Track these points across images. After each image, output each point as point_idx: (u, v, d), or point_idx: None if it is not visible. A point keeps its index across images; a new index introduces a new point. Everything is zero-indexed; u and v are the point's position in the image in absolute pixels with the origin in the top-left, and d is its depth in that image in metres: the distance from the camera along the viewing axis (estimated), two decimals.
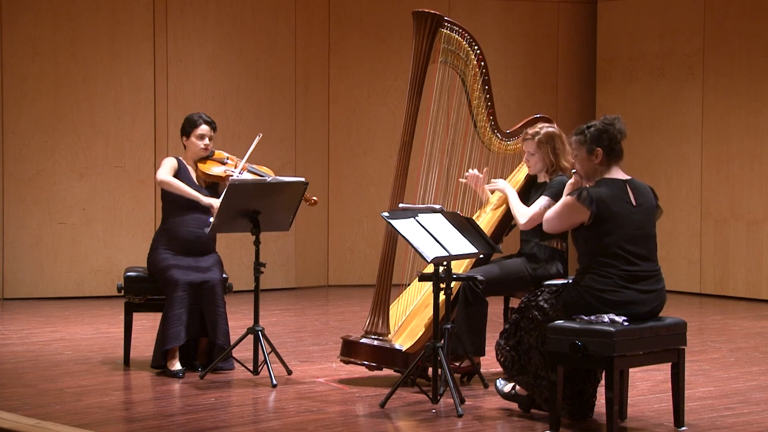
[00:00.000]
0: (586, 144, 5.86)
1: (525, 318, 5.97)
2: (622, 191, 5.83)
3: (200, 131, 7.44)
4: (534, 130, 7.00)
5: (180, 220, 7.37)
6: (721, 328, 9.49)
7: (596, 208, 5.73)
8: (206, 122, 7.47)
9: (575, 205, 5.79)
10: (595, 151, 5.85)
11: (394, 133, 9.55)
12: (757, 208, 11.06)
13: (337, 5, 11.92)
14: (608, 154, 5.86)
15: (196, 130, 7.44)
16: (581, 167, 5.92)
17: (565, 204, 5.85)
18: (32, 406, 6.32)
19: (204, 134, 7.44)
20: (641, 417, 6.17)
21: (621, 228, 5.75)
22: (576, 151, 5.92)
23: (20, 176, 10.69)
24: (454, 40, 7.09)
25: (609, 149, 5.86)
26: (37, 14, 10.69)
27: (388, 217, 6.38)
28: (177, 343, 7.12)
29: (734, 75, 11.18)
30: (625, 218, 5.77)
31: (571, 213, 5.82)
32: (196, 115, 7.51)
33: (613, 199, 5.77)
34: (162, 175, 7.35)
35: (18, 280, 10.74)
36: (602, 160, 5.86)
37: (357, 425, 6.06)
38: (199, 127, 7.44)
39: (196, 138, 7.44)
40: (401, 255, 7.08)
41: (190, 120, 7.49)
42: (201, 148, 7.43)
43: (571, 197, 5.82)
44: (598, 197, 5.75)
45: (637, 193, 5.86)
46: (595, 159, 5.86)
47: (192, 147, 7.46)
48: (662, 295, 5.87)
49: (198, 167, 7.44)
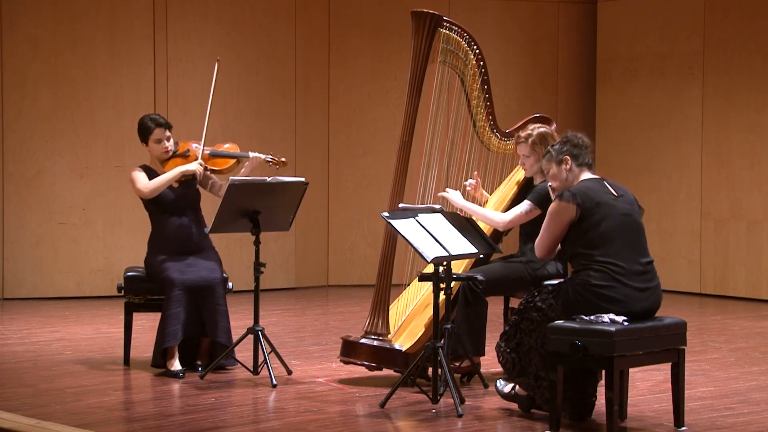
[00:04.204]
0: (554, 158, 6.05)
1: (525, 319, 5.98)
2: (600, 185, 5.95)
3: (155, 136, 7.39)
4: (526, 132, 7.00)
5: (167, 222, 7.37)
6: (721, 328, 9.49)
7: (580, 200, 5.82)
8: (159, 125, 7.40)
9: (559, 206, 5.85)
10: (563, 160, 6.01)
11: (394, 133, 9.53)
12: (757, 208, 11.05)
13: (337, 5, 11.92)
14: (576, 159, 6.01)
15: (151, 136, 7.40)
16: (555, 181, 6.07)
17: (549, 214, 5.93)
18: (32, 406, 6.32)
19: (160, 138, 7.39)
20: (641, 417, 6.17)
21: (609, 216, 5.82)
22: (547, 169, 6.10)
23: (20, 176, 10.69)
24: (453, 39, 7.09)
25: (575, 156, 6.01)
26: (37, 14, 10.69)
27: (388, 217, 6.38)
28: (174, 341, 7.11)
29: (734, 75, 11.18)
30: (610, 206, 5.85)
31: (559, 217, 5.85)
32: (148, 119, 7.43)
33: (594, 191, 5.88)
34: (143, 186, 7.35)
35: (18, 280, 10.74)
36: (572, 166, 6.01)
37: (357, 425, 6.06)
38: (153, 132, 7.39)
39: (154, 143, 7.41)
40: (401, 255, 7.08)
41: (143, 126, 7.42)
42: (162, 151, 7.41)
43: (553, 203, 5.91)
44: (579, 191, 5.86)
45: (614, 187, 5.99)
46: (566, 167, 6.01)
47: (153, 152, 7.44)
48: (658, 292, 5.89)
49: (164, 167, 7.42)
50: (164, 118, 7.49)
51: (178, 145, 7.50)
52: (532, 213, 6.81)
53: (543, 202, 6.60)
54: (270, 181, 7.03)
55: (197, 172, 7.30)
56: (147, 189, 7.33)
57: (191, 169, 7.32)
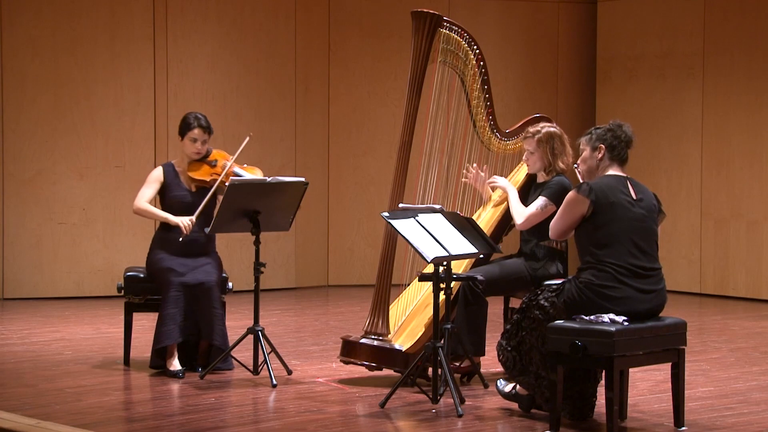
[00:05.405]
0: (591, 141, 6.01)
1: (526, 318, 5.97)
2: (621, 184, 5.90)
3: (193, 135, 7.38)
4: (536, 128, 7.02)
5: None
6: (721, 328, 9.49)
7: (595, 196, 5.79)
8: (201, 126, 7.37)
9: (575, 197, 5.85)
10: (598, 147, 5.97)
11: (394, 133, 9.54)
12: (757, 208, 11.05)
13: (337, 5, 11.92)
14: (611, 151, 5.96)
15: (189, 133, 7.39)
16: (583, 163, 6.04)
17: (565, 201, 5.92)
18: (32, 406, 6.32)
19: (197, 138, 7.37)
20: (641, 417, 6.17)
21: (620, 219, 5.79)
22: (582, 149, 6.05)
23: (20, 176, 10.69)
24: (453, 39, 7.09)
25: (611, 147, 5.97)
26: (37, 14, 10.69)
27: (388, 217, 6.38)
28: (170, 341, 7.11)
29: (734, 75, 11.18)
30: (624, 209, 5.81)
31: (573, 207, 5.86)
32: (192, 117, 7.42)
33: (611, 190, 5.84)
34: (138, 201, 7.42)
35: (18, 280, 10.74)
36: (604, 156, 5.96)
37: (357, 425, 6.06)
38: (193, 131, 7.38)
39: (189, 141, 7.40)
40: (401, 255, 7.08)
41: (186, 121, 7.41)
42: (193, 151, 7.40)
43: (571, 192, 5.90)
44: (596, 187, 5.83)
45: (637, 188, 5.94)
46: (598, 154, 5.98)
47: (185, 149, 7.43)
48: (662, 295, 5.88)
49: (188, 169, 7.42)
50: (208, 121, 7.45)
51: (211, 151, 7.47)
52: (548, 209, 6.79)
53: (559, 198, 6.54)
54: (270, 181, 7.03)
55: (181, 226, 7.25)
56: (136, 207, 7.46)
57: (177, 223, 7.25)
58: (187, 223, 7.23)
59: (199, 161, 7.42)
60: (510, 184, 7.11)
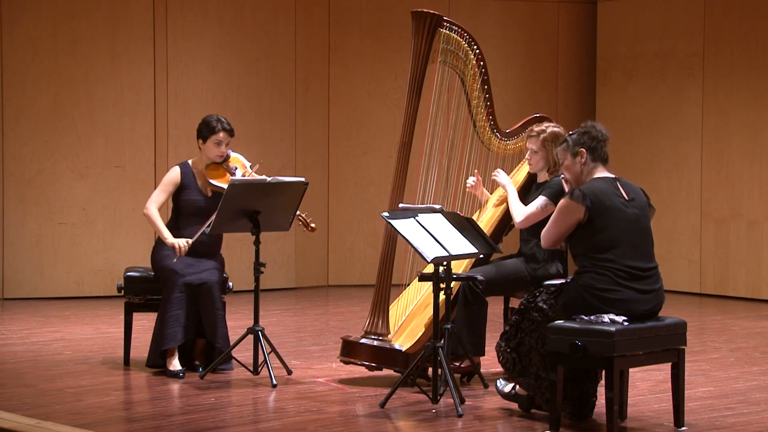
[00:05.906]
0: (569, 148, 5.97)
1: (525, 319, 5.97)
2: (612, 186, 5.89)
3: (218, 138, 7.34)
4: (540, 128, 7.00)
5: (185, 222, 7.37)
6: (721, 328, 9.49)
7: (590, 202, 5.77)
8: (225, 129, 7.35)
9: (569, 204, 5.81)
10: (578, 152, 5.94)
11: (394, 133, 9.55)
12: (757, 208, 11.05)
13: (337, 5, 11.92)
14: (592, 153, 5.94)
15: (214, 137, 7.35)
16: (568, 173, 6.00)
17: (558, 208, 5.88)
18: (32, 406, 6.32)
19: (221, 141, 7.35)
20: (641, 417, 6.17)
21: (617, 221, 5.78)
22: (562, 159, 6.02)
23: (20, 176, 10.69)
24: (453, 39, 7.09)
25: (592, 149, 5.94)
26: (37, 14, 10.69)
27: (388, 217, 6.38)
28: (174, 343, 7.11)
29: (734, 75, 11.18)
30: (619, 211, 5.80)
31: (567, 214, 5.83)
32: (215, 120, 7.38)
33: (605, 194, 5.82)
34: (149, 206, 7.40)
35: (18, 280, 10.74)
36: (587, 160, 5.94)
37: (357, 425, 6.06)
38: (218, 134, 7.34)
39: (214, 144, 7.35)
40: (401, 255, 7.08)
41: (209, 125, 7.36)
42: (217, 154, 7.37)
43: (563, 199, 5.86)
44: (590, 192, 5.80)
45: (627, 188, 5.93)
46: (581, 159, 5.94)
47: (208, 152, 7.38)
48: (660, 294, 5.88)
49: (206, 172, 7.40)
50: (230, 124, 7.44)
51: (230, 156, 7.47)
52: (548, 209, 6.76)
53: (559, 198, 6.53)
54: (270, 181, 7.03)
55: (176, 248, 7.23)
56: (146, 211, 7.41)
57: (173, 244, 7.22)
58: (183, 245, 7.21)
59: (218, 164, 7.40)
60: (511, 182, 7.11)
